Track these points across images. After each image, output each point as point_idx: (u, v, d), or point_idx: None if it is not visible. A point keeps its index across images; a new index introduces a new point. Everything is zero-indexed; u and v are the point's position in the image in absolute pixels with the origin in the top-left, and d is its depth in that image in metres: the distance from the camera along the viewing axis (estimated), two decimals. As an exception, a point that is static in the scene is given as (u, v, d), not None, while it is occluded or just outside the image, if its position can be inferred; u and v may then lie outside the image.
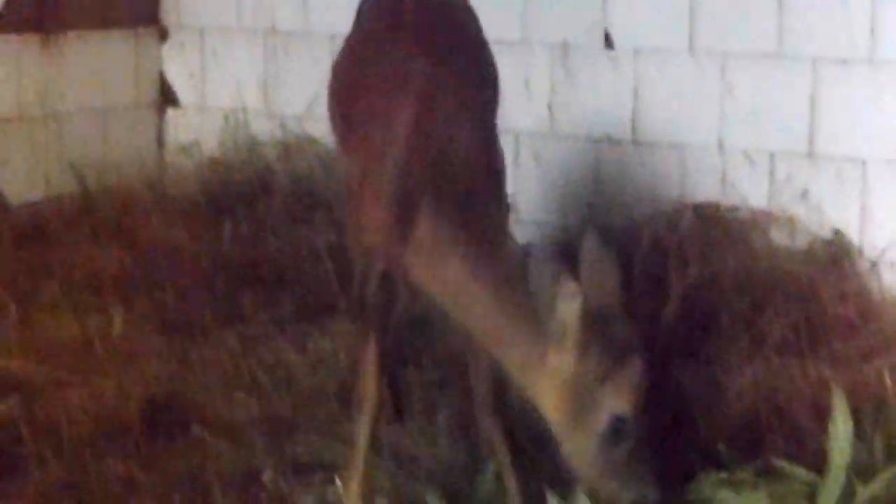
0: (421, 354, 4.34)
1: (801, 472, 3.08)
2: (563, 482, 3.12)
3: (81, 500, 3.67)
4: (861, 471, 3.05)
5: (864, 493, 2.95)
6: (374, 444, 3.50)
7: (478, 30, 3.73)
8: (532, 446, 3.59)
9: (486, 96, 3.53)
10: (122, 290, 4.93)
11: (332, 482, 3.73)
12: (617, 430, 2.91)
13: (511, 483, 3.41)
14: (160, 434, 4.01)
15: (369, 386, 3.45)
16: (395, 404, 3.95)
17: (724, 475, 3.25)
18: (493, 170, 3.25)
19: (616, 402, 2.93)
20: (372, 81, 3.36)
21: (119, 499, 3.67)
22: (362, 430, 3.45)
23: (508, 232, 3.25)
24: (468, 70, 3.52)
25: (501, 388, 3.50)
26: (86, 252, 5.19)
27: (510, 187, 3.50)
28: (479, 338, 3.18)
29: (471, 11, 3.75)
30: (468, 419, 3.81)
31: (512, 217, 3.78)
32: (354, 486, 3.44)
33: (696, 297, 4.57)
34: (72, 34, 5.77)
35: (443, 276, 3.12)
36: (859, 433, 3.13)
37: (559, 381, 2.94)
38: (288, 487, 3.77)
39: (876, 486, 2.97)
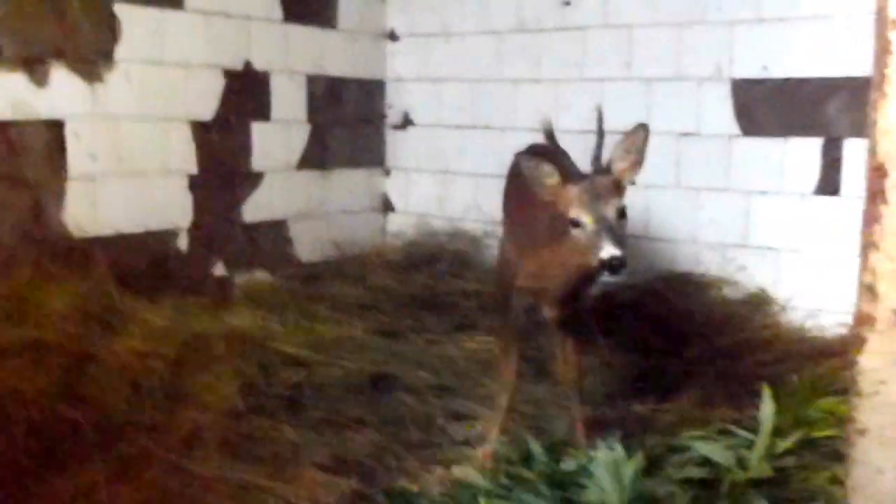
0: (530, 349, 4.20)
1: (743, 432, 2.93)
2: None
3: (335, 425, 3.60)
4: (778, 433, 2.89)
5: (780, 446, 2.80)
6: (508, 406, 3.39)
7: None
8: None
9: None
10: (361, 311, 4.88)
11: (476, 426, 3.66)
12: (576, 223, 2.73)
13: (578, 428, 3.30)
14: (379, 393, 3.93)
15: (509, 373, 3.35)
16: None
17: (696, 432, 3.10)
18: None
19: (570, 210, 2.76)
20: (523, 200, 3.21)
21: (353, 429, 3.59)
22: (503, 399, 3.35)
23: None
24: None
25: (580, 372, 3.41)
26: (341, 289, 5.16)
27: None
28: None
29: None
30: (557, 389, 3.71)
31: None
32: (495, 430, 3.33)
33: (679, 325, 4.43)
34: (339, 171, 5.77)
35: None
36: (778, 409, 2.96)
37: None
38: (451, 427, 3.68)
39: (788, 442, 2.82)
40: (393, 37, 6.04)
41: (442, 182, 5.89)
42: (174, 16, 4.75)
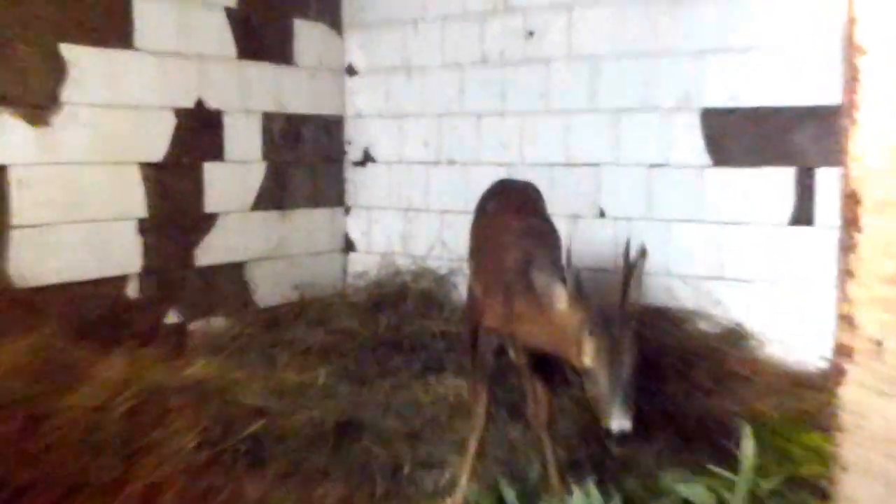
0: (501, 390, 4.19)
1: (723, 472, 2.92)
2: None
3: (299, 479, 3.54)
4: (761, 471, 2.89)
5: (764, 486, 2.79)
6: (479, 451, 3.37)
7: (542, 202, 3.72)
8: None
9: (552, 238, 3.39)
10: (324, 355, 4.84)
11: (445, 473, 3.62)
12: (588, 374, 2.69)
13: (553, 472, 3.24)
14: (344, 441, 3.88)
15: (480, 416, 3.33)
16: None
17: (675, 472, 3.10)
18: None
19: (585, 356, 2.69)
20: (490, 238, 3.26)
21: (318, 481, 3.54)
22: (473, 442, 3.33)
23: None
24: (541, 226, 3.45)
25: (553, 413, 3.38)
26: (303, 334, 5.12)
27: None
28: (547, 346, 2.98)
29: (538, 191, 3.76)
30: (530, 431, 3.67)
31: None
32: (465, 476, 3.29)
33: (653, 360, 4.43)
34: (298, 211, 5.75)
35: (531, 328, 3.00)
36: (759, 446, 2.96)
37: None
38: (418, 475, 3.64)
39: (772, 482, 2.81)
40: (351, 72, 6.06)
41: (405, 219, 5.88)
42: (124, 55, 4.73)
